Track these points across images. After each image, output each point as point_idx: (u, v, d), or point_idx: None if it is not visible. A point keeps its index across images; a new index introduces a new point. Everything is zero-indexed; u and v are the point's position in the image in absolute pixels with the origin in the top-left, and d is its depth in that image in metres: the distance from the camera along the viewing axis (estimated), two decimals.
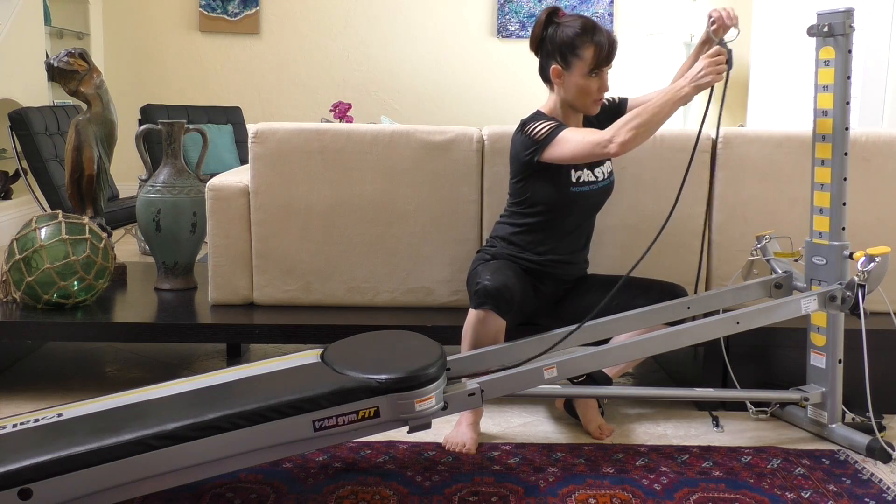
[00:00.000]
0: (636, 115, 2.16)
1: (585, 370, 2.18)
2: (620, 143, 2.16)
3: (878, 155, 2.69)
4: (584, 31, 2.30)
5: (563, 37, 2.31)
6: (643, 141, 2.18)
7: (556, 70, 2.34)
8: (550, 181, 2.35)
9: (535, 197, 2.37)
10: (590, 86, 2.32)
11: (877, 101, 4.84)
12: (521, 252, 2.41)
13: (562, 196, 2.36)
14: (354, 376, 1.88)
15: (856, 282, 2.25)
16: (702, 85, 2.14)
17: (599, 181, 2.40)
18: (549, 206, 2.37)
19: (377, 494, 2.00)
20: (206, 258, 2.89)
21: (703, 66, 2.14)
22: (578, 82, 2.32)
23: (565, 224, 2.41)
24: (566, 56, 2.32)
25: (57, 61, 3.05)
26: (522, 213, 2.42)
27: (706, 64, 2.14)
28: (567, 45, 2.31)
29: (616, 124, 2.18)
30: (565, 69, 2.33)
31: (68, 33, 6.24)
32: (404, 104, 6.83)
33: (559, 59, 2.33)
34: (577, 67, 2.31)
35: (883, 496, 2.03)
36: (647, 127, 2.15)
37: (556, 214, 2.38)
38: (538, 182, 2.36)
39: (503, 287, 2.22)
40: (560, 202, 2.36)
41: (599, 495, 2.01)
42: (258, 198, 2.71)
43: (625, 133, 2.15)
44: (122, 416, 1.78)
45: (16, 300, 2.73)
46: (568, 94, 2.35)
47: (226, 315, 2.69)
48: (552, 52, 2.35)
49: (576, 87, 2.33)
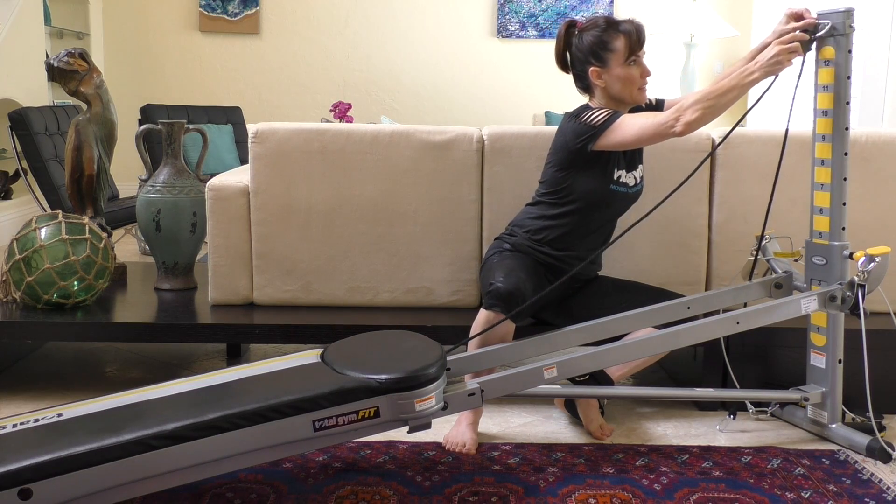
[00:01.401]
0: (704, 97, 2.17)
1: (585, 370, 2.18)
2: (686, 122, 2.16)
3: (878, 155, 2.69)
4: (609, 25, 2.35)
5: (591, 39, 2.35)
6: (708, 122, 2.18)
7: (595, 71, 2.37)
8: (593, 175, 2.36)
9: (574, 189, 2.38)
10: (631, 73, 2.34)
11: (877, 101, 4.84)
12: (540, 245, 2.41)
13: (601, 192, 2.37)
14: (354, 376, 1.88)
15: (856, 282, 2.25)
16: (773, 70, 2.15)
17: (631, 186, 2.43)
18: (586, 201, 2.38)
19: (377, 494, 2.00)
20: (206, 258, 2.89)
21: (776, 52, 2.15)
22: (619, 73, 2.34)
23: (593, 221, 2.42)
24: (599, 55, 2.35)
25: (57, 61, 3.05)
26: (555, 204, 2.41)
27: (780, 50, 2.14)
28: (597, 44, 2.34)
29: (681, 105, 2.19)
30: (603, 67, 2.35)
31: (68, 33, 6.24)
32: (404, 104, 6.83)
33: (594, 61, 2.36)
34: (614, 60, 2.33)
35: (883, 496, 2.03)
36: (713, 108, 2.16)
37: (590, 210, 2.39)
38: (581, 174, 2.36)
39: (515, 290, 2.22)
40: (597, 198, 2.38)
41: (599, 495, 2.01)
42: (258, 198, 2.71)
43: (691, 113, 2.16)
44: (122, 416, 1.78)
45: (16, 300, 2.73)
46: (613, 89, 2.37)
47: (226, 315, 2.69)
48: (585, 57, 2.38)
49: (618, 80, 2.35)
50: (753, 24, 6.67)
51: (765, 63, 2.15)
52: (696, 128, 2.17)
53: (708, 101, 2.16)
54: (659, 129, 2.21)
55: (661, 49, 6.72)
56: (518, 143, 2.69)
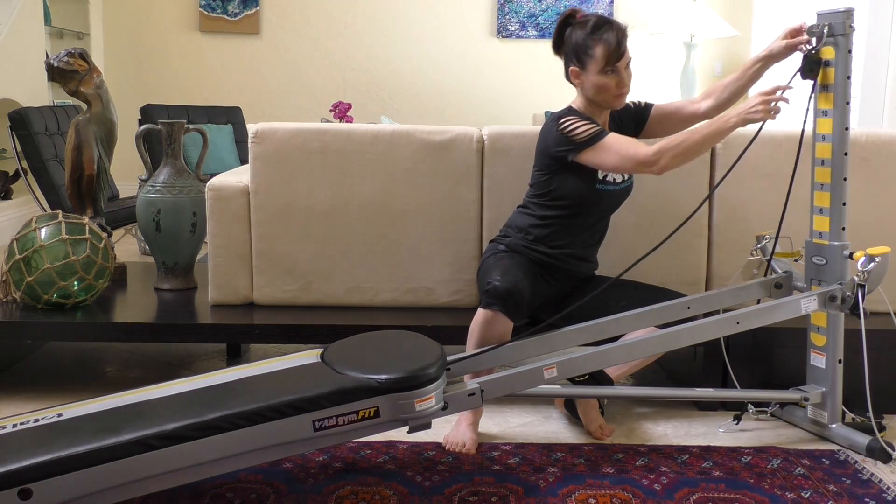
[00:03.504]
0: (682, 141, 2.23)
1: (585, 370, 2.19)
2: (663, 166, 2.24)
3: (878, 155, 2.69)
4: (594, 29, 2.33)
5: (577, 38, 2.36)
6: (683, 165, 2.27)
7: (574, 71, 2.38)
8: (578, 177, 2.36)
9: (560, 191, 2.38)
10: (606, 83, 2.34)
11: (877, 101, 4.84)
12: (535, 244, 2.41)
13: (588, 193, 2.37)
14: (354, 376, 1.88)
15: (856, 282, 2.25)
16: (750, 120, 2.19)
17: (620, 183, 2.43)
18: (574, 202, 2.38)
19: (377, 494, 2.00)
20: (206, 258, 2.89)
21: (755, 103, 2.19)
22: (595, 80, 2.35)
23: (585, 220, 2.42)
24: (580, 56, 2.35)
25: (57, 61, 3.05)
26: (545, 206, 2.42)
27: (759, 101, 2.18)
28: (579, 45, 2.35)
29: (662, 146, 2.23)
30: (581, 69, 2.36)
31: (68, 33, 6.24)
32: (404, 104, 6.83)
33: (576, 61, 2.37)
34: (592, 66, 2.34)
35: (883, 496, 2.03)
36: (691, 154, 2.25)
37: (580, 210, 2.40)
38: (566, 177, 2.37)
39: (513, 288, 2.22)
40: (585, 199, 2.38)
41: (599, 495, 2.01)
42: (258, 198, 2.71)
43: (669, 158, 2.23)
44: (122, 416, 1.78)
45: (16, 300, 2.73)
46: (588, 93, 2.38)
47: (226, 315, 2.69)
48: (569, 54, 2.39)
49: (593, 86, 2.36)
50: (753, 24, 6.67)
51: (744, 112, 2.20)
52: (671, 169, 2.26)
53: (687, 147, 2.23)
54: (636, 168, 2.27)
55: (661, 49, 6.72)
56: (518, 143, 2.69)
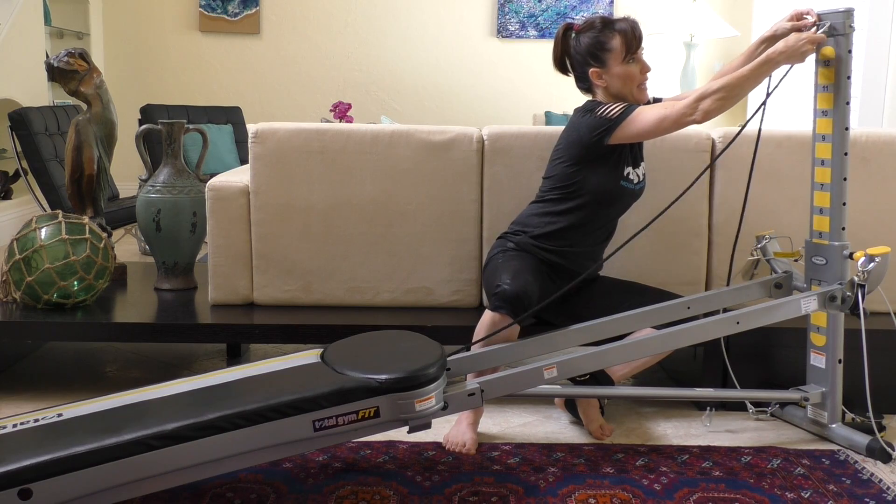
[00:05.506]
0: (725, 86, 2.17)
1: (586, 370, 2.18)
2: (706, 111, 2.18)
3: (878, 155, 2.69)
4: (605, 25, 2.37)
5: (588, 40, 2.37)
6: (727, 109, 2.20)
7: (595, 72, 2.39)
8: (604, 170, 2.36)
9: (584, 184, 2.37)
10: (630, 71, 2.36)
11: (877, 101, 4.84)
12: (544, 242, 2.40)
13: (611, 187, 2.37)
14: (354, 376, 1.88)
15: (856, 282, 2.25)
16: (796, 58, 2.15)
17: (636, 183, 2.43)
18: (595, 197, 2.38)
19: (377, 494, 2.00)
20: (206, 258, 2.89)
21: (799, 38, 2.15)
22: (618, 72, 2.36)
23: (599, 218, 2.42)
24: (598, 55, 2.37)
25: (57, 61, 3.05)
26: (562, 199, 2.40)
27: (806, 39, 2.15)
28: (595, 45, 2.36)
29: (702, 93, 2.19)
30: (602, 67, 2.37)
31: (68, 33, 6.24)
32: (404, 104, 6.83)
33: (593, 62, 2.38)
34: (612, 59, 2.35)
35: (883, 496, 2.03)
36: (734, 97, 2.18)
37: (597, 206, 2.39)
38: (593, 169, 2.36)
39: (522, 292, 2.22)
40: (607, 193, 2.38)
41: (599, 495, 2.01)
42: (258, 198, 2.71)
43: (711, 102, 2.17)
44: (122, 416, 1.78)
45: (16, 300, 2.73)
46: (614, 88, 2.39)
47: (226, 315, 2.69)
48: (584, 59, 2.40)
49: (618, 78, 2.37)
50: (753, 24, 6.67)
51: (790, 50, 2.15)
52: (715, 115, 2.20)
53: (730, 91, 2.17)
54: (679, 118, 2.22)
55: (661, 49, 6.72)
56: (518, 143, 2.69)
